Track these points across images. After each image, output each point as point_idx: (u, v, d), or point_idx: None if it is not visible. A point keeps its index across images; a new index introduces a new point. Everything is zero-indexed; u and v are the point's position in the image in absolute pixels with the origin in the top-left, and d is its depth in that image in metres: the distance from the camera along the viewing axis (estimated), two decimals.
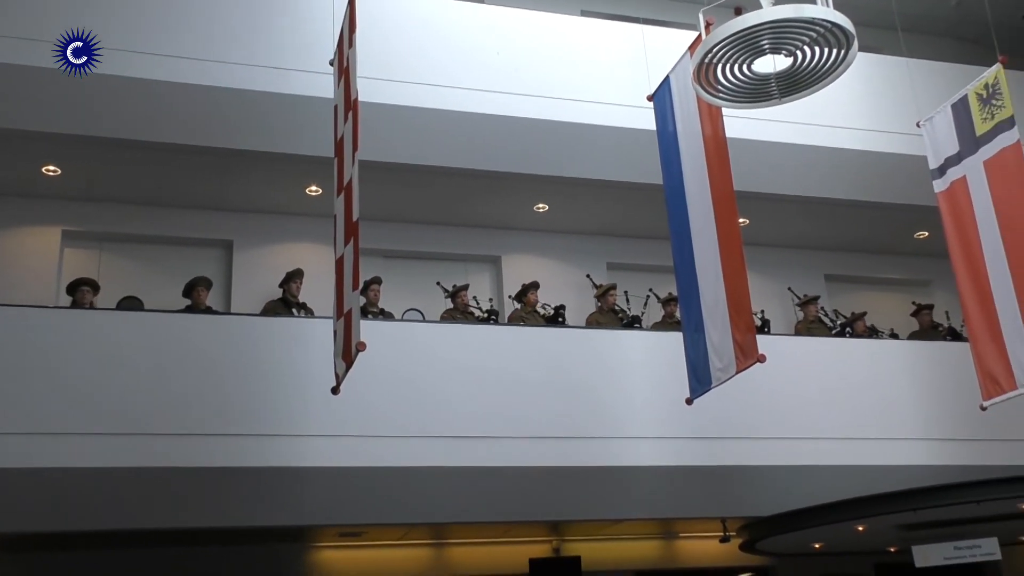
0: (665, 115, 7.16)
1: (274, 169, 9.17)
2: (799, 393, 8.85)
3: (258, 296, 9.36)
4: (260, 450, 7.32)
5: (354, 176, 5.83)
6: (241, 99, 8.12)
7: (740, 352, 6.18)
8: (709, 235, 6.55)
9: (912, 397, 9.23)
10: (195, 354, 7.63)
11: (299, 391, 7.48)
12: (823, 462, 8.64)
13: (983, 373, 6.97)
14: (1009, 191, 6.82)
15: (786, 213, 10.74)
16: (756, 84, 5.09)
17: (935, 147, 7.51)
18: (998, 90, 6.94)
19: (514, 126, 8.75)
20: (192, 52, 7.96)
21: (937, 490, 7.69)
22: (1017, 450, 8.90)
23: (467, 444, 7.82)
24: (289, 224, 9.94)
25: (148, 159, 8.86)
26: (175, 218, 9.71)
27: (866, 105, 9.81)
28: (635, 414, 8.36)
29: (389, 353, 7.72)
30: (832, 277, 11.85)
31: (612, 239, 10.99)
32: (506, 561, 10.17)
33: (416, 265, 10.36)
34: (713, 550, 10.43)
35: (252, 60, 8.14)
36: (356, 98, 6.04)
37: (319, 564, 9.84)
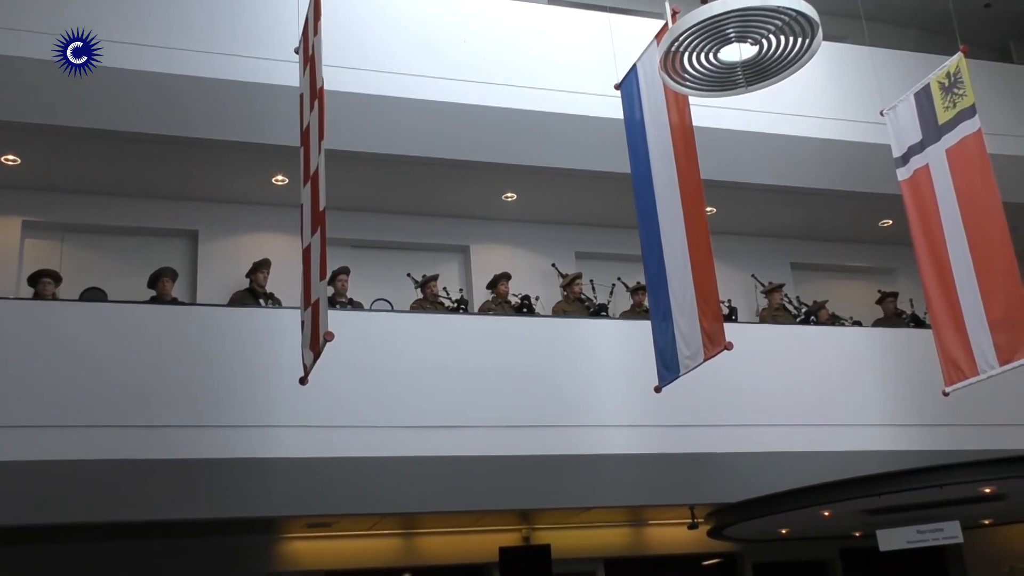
0: (632, 104, 7.16)
1: (240, 158, 9.08)
2: (766, 381, 8.93)
3: (224, 287, 9.28)
4: (228, 441, 7.27)
5: (320, 165, 5.79)
6: (206, 88, 8.03)
7: (708, 340, 6.21)
8: (677, 224, 6.57)
9: (876, 384, 9.35)
10: (161, 345, 7.55)
11: (267, 382, 7.43)
12: (789, 448, 8.72)
13: (945, 359, 7.06)
14: (971, 179, 6.90)
15: (752, 202, 10.82)
16: (722, 73, 5.10)
17: (898, 136, 7.58)
18: (960, 79, 7.01)
19: (482, 115, 8.73)
20: (156, 40, 7.85)
21: (900, 475, 7.81)
22: (978, 435, 9.04)
23: (436, 434, 7.82)
24: (255, 214, 9.85)
25: (111, 148, 8.74)
26: (139, 208, 9.59)
27: (831, 94, 9.89)
28: (604, 402, 8.39)
29: (357, 343, 7.69)
30: (798, 265, 11.95)
31: (581, 228, 11.00)
32: (476, 550, 10.20)
33: (384, 255, 10.32)
34: (681, 537, 10.51)
35: (217, 48, 8.05)
36: (322, 87, 5.99)
37: (288, 555, 9.82)
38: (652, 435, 8.38)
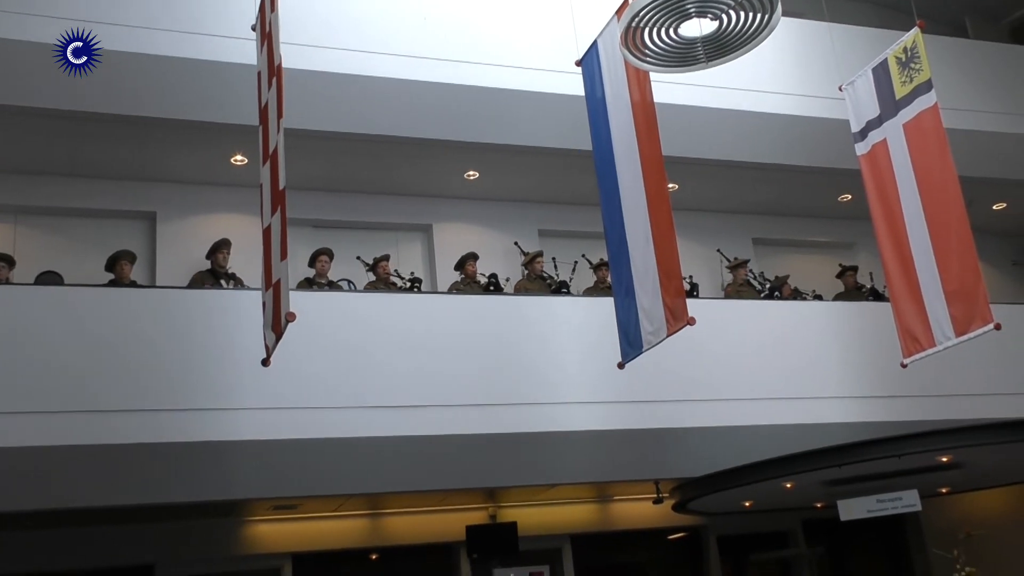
0: (593, 80, 7.14)
1: (198, 138, 8.94)
2: (728, 355, 9.00)
3: (184, 269, 9.16)
4: (190, 425, 7.20)
5: (280, 144, 5.71)
6: (162, 66, 7.87)
7: (670, 316, 6.25)
8: (639, 200, 6.58)
9: (837, 357, 9.46)
10: (120, 329, 7.45)
11: (229, 364, 7.36)
12: (752, 422, 8.82)
13: (903, 332, 7.16)
14: (927, 153, 6.97)
15: (714, 178, 10.86)
16: (683, 48, 5.09)
17: (857, 111, 7.64)
18: (916, 54, 7.07)
19: (442, 92, 8.67)
20: (108, 17, 7.64)
21: (860, 446, 7.92)
22: (936, 405, 9.19)
23: (401, 413, 7.80)
24: (214, 195, 9.72)
25: (64, 129, 8.56)
26: (95, 190, 9.42)
27: (790, 70, 9.94)
28: (568, 379, 8.42)
29: (320, 324, 7.64)
30: (760, 241, 12.05)
31: (543, 206, 10.99)
32: (443, 529, 10.23)
33: (346, 235, 10.24)
34: (647, 511, 10.62)
35: (172, 26, 7.88)
36: (280, 64, 5.91)
37: (253, 538, 9.78)
38: (616, 411, 8.43)
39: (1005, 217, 12.61)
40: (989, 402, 9.33)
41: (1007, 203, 12.27)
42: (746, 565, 11.87)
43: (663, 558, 11.91)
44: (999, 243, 12.97)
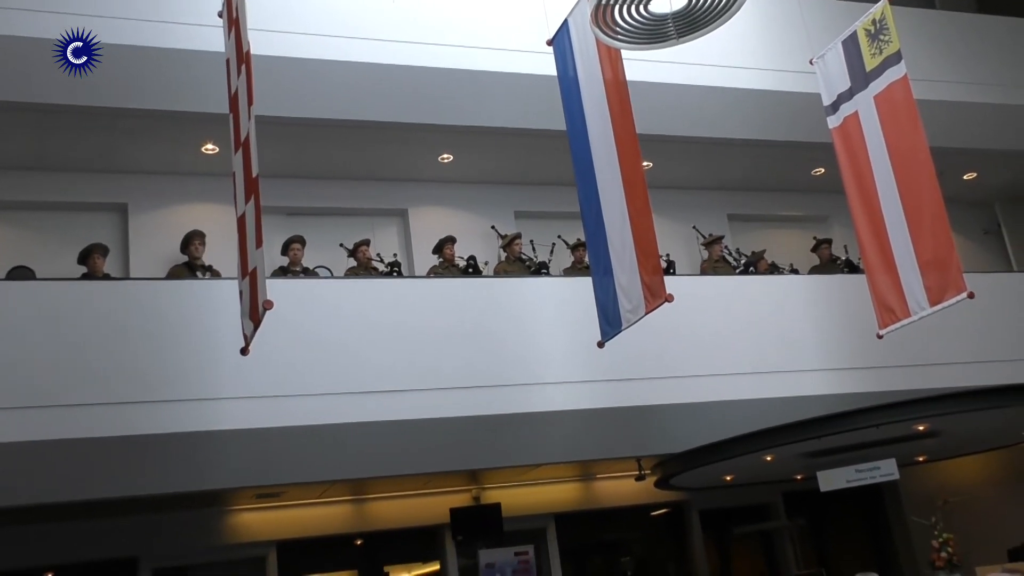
0: (565, 60, 7.13)
1: (167, 128, 8.83)
2: (706, 331, 9.05)
3: (158, 260, 9.09)
4: (171, 416, 7.16)
5: (251, 131, 5.67)
6: (128, 55, 7.75)
7: (648, 293, 6.28)
8: (614, 179, 6.59)
9: (813, 329, 9.54)
10: (96, 323, 7.38)
11: (208, 354, 7.33)
12: (731, 397, 8.87)
13: (879, 303, 7.23)
14: (898, 124, 7.02)
15: (688, 155, 10.87)
16: (653, 25, 5.11)
17: (828, 84, 7.67)
18: (885, 25, 7.10)
19: (413, 76, 8.61)
20: (72, 7, 7.53)
21: (838, 417, 8.01)
22: (912, 375, 9.28)
23: (381, 398, 7.80)
24: (186, 184, 9.62)
25: (29, 121, 8.44)
26: (64, 182, 9.28)
27: (761, 44, 9.94)
28: (548, 360, 8.44)
29: (298, 311, 7.62)
30: (735, 216, 12.09)
31: (518, 187, 10.97)
32: (427, 512, 10.26)
33: (321, 221, 10.18)
34: (629, 489, 10.69)
35: (138, 14, 7.77)
36: (248, 51, 5.86)
37: (238, 527, 9.77)
38: (597, 390, 8.46)
39: (976, 187, 12.73)
40: (964, 370, 9.44)
41: (977, 172, 12.37)
42: (728, 538, 11.99)
43: (647, 534, 12.01)
44: (970, 213, 13.09)
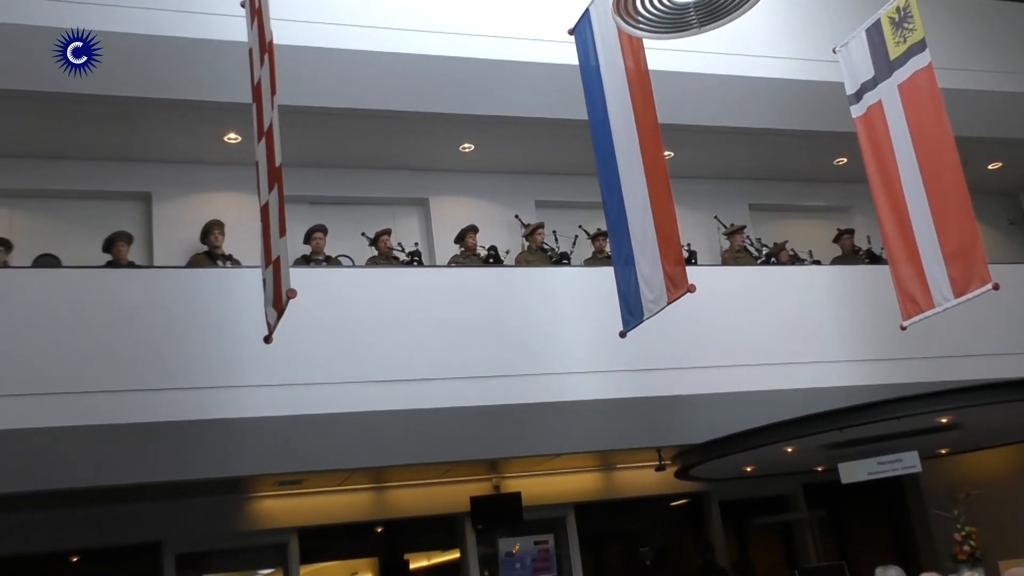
0: (587, 49, 7.10)
1: (190, 118, 8.90)
2: (728, 322, 9.02)
3: (181, 249, 9.16)
4: (194, 403, 7.24)
5: (274, 121, 5.69)
6: (151, 45, 7.82)
7: (670, 283, 6.25)
8: (636, 169, 6.56)
9: (836, 321, 9.49)
10: (121, 310, 7.46)
11: (231, 342, 7.38)
12: (752, 388, 8.85)
13: (902, 294, 7.16)
14: (923, 113, 6.94)
15: (709, 144, 10.81)
16: (675, 14, 5.07)
17: (851, 73, 7.59)
18: (909, 13, 7.02)
19: (435, 65, 8.61)
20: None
21: (860, 409, 7.96)
22: (935, 367, 9.22)
23: (404, 387, 7.83)
24: (209, 174, 9.68)
25: (57, 111, 8.50)
26: (89, 171, 9.38)
27: (783, 33, 9.87)
28: (569, 349, 8.45)
29: (321, 300, 7.66)
30: (756, 206, 12.03)
31: (539, 177, 10.96)
32: (447, 501, 10.30)
33: (343, 211, 10.22)
34: (649, 479, 10.68)
35: (162, 4, 7.82)
36: (271, 40, 5.87)
37: (259, 514, 9.85)
38: (618, 380, 8.46)
39: (1001, 176, 12.59)
40: (988, 362, 9.36)
41: (1002, 162, 12.24)
42: (748, 529, 11.97)
43: (666, 524, 12.02)
44: (995, 203, 12.95)
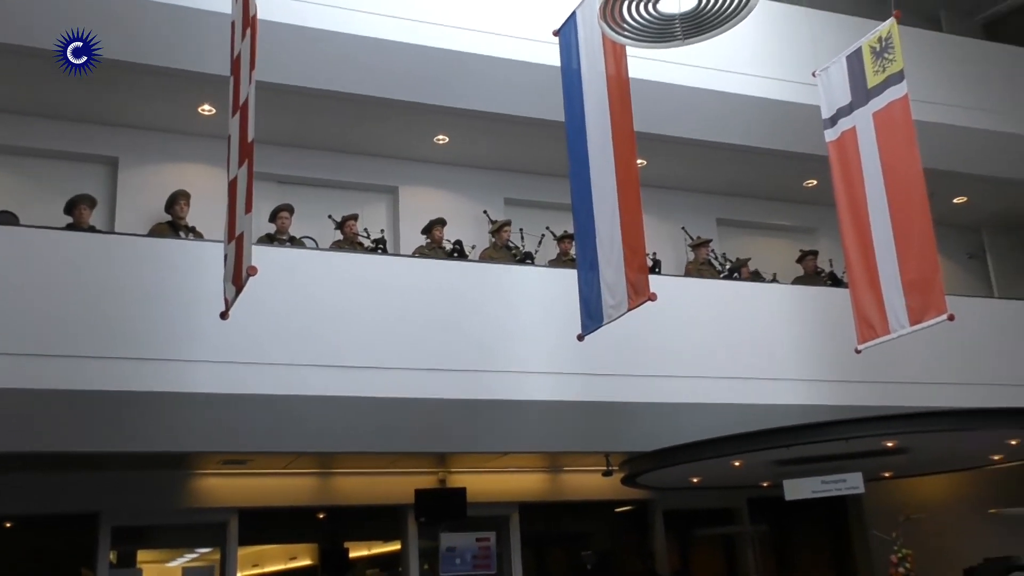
0: (570, 51, 7.12)
1: (166, 85, 8.75)
2: (687, 333, 9.08)
3: (144, 217, 9.02)
4: (144, 374, 7.13)
5: (250, 96, 5.64)
6: (133, 8, 7.70)
7: (632, 290, 6.29)
8: (608, 174, 6.59)
9: (792, 339, 9.59)
10: (77, 274, 7.33)
11: (186, 315, 7.29)
12: (705, 400, 8.92)
13: (860, 318, 7.27)
14: (895, 143, 7.05)
15: (682, 156, 10.87)
16: (660, 24, 5.11)
17: (828, 97, 7.69)
18: (890, 44, 7.12)
19: (418, 54, 8.57)
20: None
21: (809, 428, 8.06)
22: (888, 391, 9.36)
23: (357, 374, 7.79)
24: (180, 143, 9.54)
25: (27, 66, 8.32)
26: (57, 131, 9.18)
27: (765, 52, 9.96)
28: (526, 349, 8.45)
29: (282, 280, 7.59)
30: (724, 221, 12.12)
31: (511, 174, 10.95)
32: (392, 491, 10.26)
33: (312, 192, 10.14)
34: (596, 483, 10.72)
35: None
36: (255, 15, 5.82)
37: (200, 491, 9.75)
38: (572, 383, 8.48)
39: (964, 211, 12.83)
40: (938, 391, 9.52)
41: (967, 197, 12.46)
42: (691, 539, 12.07)
43: (609, 530, 12.07)
44: (958, 236, 13.20)
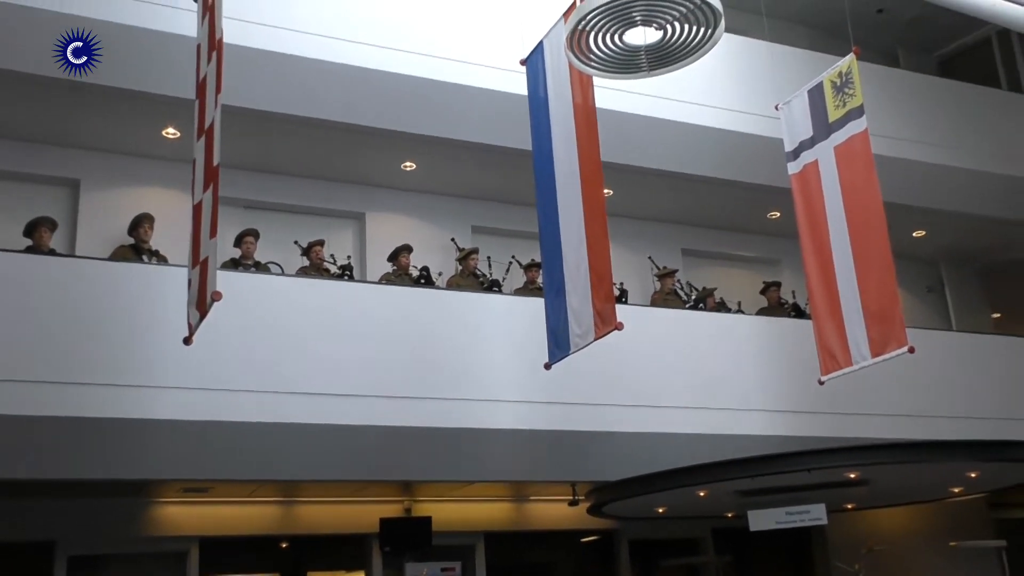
0: (537, 80, 7.17)
1: (130, 107, 8.69)
2: (652, 363, 9.11)
3: (106, 240, 8.92)
4: (102, 400, 7.01)
5: (216, 119, 5.62)
6: (97, 29, 7.55)
7: (599, 319, 6.30)
8: (575, 203, 6.62)
9: (757, 370, 9.65)
10: (37, 298, 7.22)
11: (148, 340, 7.20)
12: (670, 430, 8.94)
13: (823, 349, 7.34)
14: (856, 176, 7.16)
15: (648, 186, 10.97)
16: (626, 56, 5.16)
17: (791, 130, 7.80)
18: (851, 79, 7.25)
19: (384, 81, 8.59)
20: None
21: (772, 458, 8.09)
22: (851, 423, 9.44)
23: (321, 401, 7.72)
24: (143, 167, 9.47)
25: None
26: (16, 152, 9.07)
27: (728, 85, 10.09)
28: (492, 377, 8.43)
29: (245, 305, 7.52)
30: (689, 251, 12.22)
31: (478, 202, 10.98)
32: (357, 520, 10.15)
33: (278, 217, 10.09)
34: (562, 513, 10.67)
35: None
36: (221, 38, 5.81)
37: (160, 520, 9.58)
38: (538, 411, 8.46)
39: (923, 244, 13.04)
40: (899, 423, 9.62)
41: (926, 231, 12.67)
42: (656, 570, 12.04)
43: (575, 560, 12.01)
44: (916, 269, 13.40)
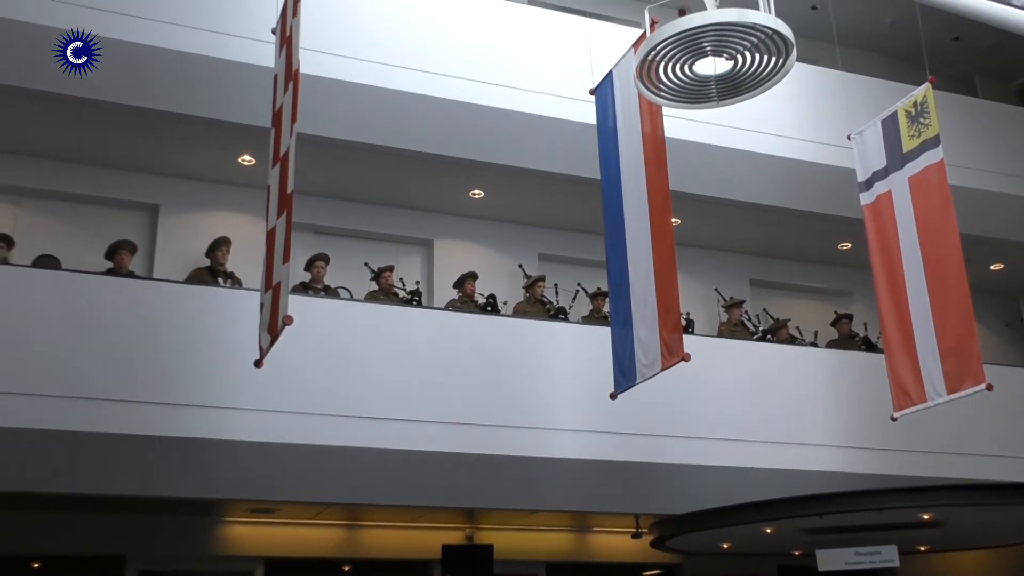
0: (606, 110, 7.18)
1: (207, 135, 8.95)
2: (719, 395, 9.00)
3: (182, 263, 9.15)
4: (177, 419, 7.18)
5: (291, 147, 5.74)
6: (179, 61, 7.91)
7: (666, 350, 6.24)
8: (643, 232, 6.60)
9: (826, 404, 9.46)
10: (115, 319, 7.44)
11: (220, 362, 7.36)
12: (737, 463, 8.80)
13: (895, 385, 7.15)
14: (931, 207, 7.01)
15: (716, 215, 10.89)
16: (696, 85, 5.14)
17: (864, 161, 7.68)
18: (926, 108, 7.12)
19: (455, 110, 8.71)
20: (129, 9, 7.72)
21: (843, 496, 7.92)
22: (923, 461, 9.18)
23: (387, 426, 7.78)
24: (219, 192, 9.72)
25: (76, 114, 8.54)
26: (100, 178, 9.40)
27: (800, 115, 10.00)
28: (558, 406, 8.41)
29: (316, 329, 7.63)
30: (757, 282, 12.07)
31: (545, 230, 11.01)
32: (419, 546, 10.17)
33: (348, 243, 10.25)
34: (624, 545, 10.55)
35: (192, 22, 7.95)
36: (297, 69, 5.95)
37: (227, 539, 9.71)
38: (603, 442, 8.41)
39: (1001, 278, 12.68)
40: (975, 462, 9.33)
41: (1004, 264, 12.33)
42: None
43: None
44: (994, 303, 13.02)
